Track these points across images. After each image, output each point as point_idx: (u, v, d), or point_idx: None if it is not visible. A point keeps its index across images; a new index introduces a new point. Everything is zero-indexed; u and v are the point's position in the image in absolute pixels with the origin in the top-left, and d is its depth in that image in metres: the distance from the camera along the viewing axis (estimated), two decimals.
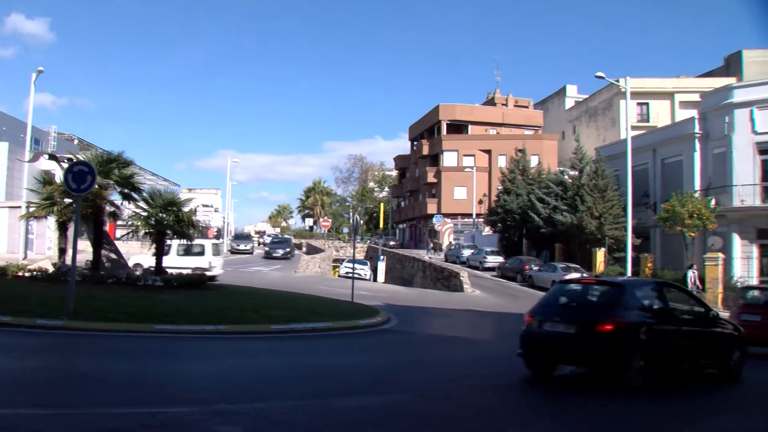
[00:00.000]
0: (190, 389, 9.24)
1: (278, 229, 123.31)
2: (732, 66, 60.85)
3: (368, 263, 53.87)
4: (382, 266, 53.90)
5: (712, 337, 12.38)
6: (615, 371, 10.64)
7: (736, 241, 35.38)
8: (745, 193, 35.00)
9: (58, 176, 23.55)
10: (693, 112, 41.69)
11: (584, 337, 10.61)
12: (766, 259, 34.43)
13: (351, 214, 62.41)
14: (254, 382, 10.13)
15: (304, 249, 78.75)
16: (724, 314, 30.06)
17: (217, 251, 34.49)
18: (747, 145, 35.40)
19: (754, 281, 33.57)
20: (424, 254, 58.14)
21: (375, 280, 50.82)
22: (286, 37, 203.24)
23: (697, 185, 37.51)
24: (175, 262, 30.03)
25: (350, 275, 38.33)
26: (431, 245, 63.79)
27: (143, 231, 24.77)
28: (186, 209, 25.67)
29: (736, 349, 12.89)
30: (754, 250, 35.14)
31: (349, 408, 8.66)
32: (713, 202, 35.14)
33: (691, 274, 29.92)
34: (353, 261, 34.08)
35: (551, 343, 11.10)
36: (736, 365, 12.83)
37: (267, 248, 64.14)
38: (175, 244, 30.01)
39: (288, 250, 61.88)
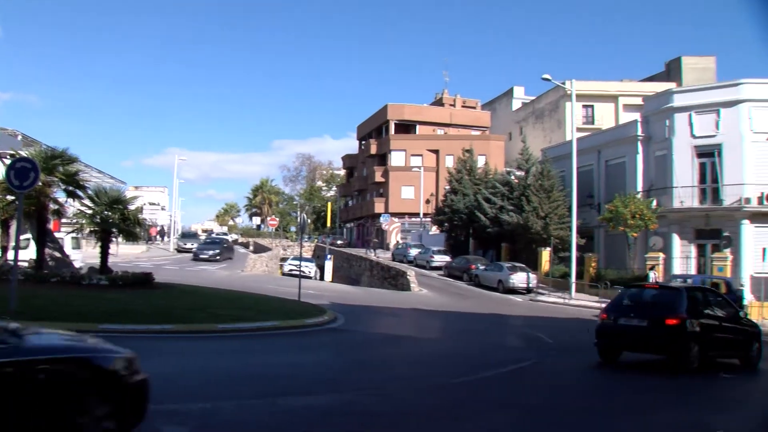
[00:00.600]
0: None
1: (225, 228, 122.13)
2: (672, 71, 62.32)
3: (314, 261, 53.66)
4: (329, 265, 53.77)
5: (739, 332, 15.17)
6: (679, 355, 13.34)
7: (676, 241, 36.23)
8: (684, 195, 35.88)
9: (0, 173, 22.92)
10: (636, 115, 42.49)
11: (655, 329, 13.44)
12: (703, 259, 35.31)
13: (299, 213, 62.00)
14: (200, 382, 9.98)
15: (251, 248, 78.20)
16: None
17: (77, 245, 33.00)
18: (686, 148, 36.29)
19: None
20: (370, 253, 58.19)
21: (322, 279, 50.67)
22: (235, 35, 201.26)
23: (640, 186, 38.29)
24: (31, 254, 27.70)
25: (294, 273, 38.10)
26: (371, 244, 64.00)
27: (88, 229, 24.31)
28: (132, 207, 25.25)
29: (756, 341, 15.58)
30: (693, 250, 36.04)
31: (296, 407, 8.62)
32: (654, 203, 35.94)
33: (653, 275, 30.82)
34: (298, 258, 33.74)
35: (626, 334, 13.90)
36: (755, 356, 15.51)
37: (195, 249, 55.82)
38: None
39: (217, 251, 53.32)
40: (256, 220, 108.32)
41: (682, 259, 35.31)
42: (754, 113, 35.15)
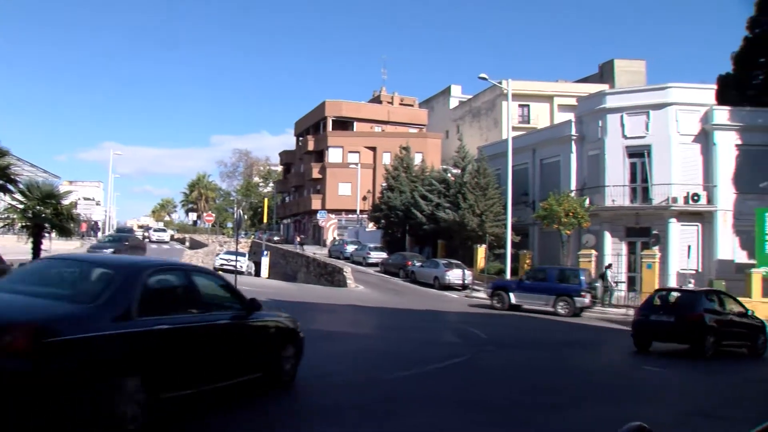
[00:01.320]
0: None
1: (161, 223, 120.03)
2: (605, 73, 63.83)
3: (246, 256, 53.10)
4: (265, 261, 53.30)
5: (747, 326, 18.57)
6: (699, 345, 16.63)
7: (608, 238, 37.05)
8: (616, 194, 36.70)
9: None
10: (570, 116, 43.22)
11: (680, 323, 16.84)
12: (633, 256, 36.21)
13: (235, 208, 61.29)
14: None
15: (187, 244, 77.27)
16: (596, 307, 31.56)
17: None
18: (618, 149, 37.12)
19: (623, 277, 35.33)
20: (307, 249, 57.96)
21: (258, 275, 50.20)
22: (173, 28, 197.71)
23: (573, 185, 38.98)
24: None
25: (226, 268, 37.71)
26: (298, 240, 63.81)
27: (20, 224, 23.57)
28: (66, 202, 24.53)
29: (761, 334, 18.99)
30: (624, 248, 36.91)
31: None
32: (587, 201, 36.66)
33: (610, 274, 31.57)
34: (230, 253, 33.26)
35: (656, 328, 17.41)
36: (761, 346, 18.82)
37: (90, 246, 47.53)
38: None
39: (112, 251, 41.92)
40: (193, 216, 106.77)
41: (614, 257, 36.13)
42: (680, 116, 36.15)
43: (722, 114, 36.11)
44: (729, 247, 35.39)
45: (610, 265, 33.64)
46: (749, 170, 35.69)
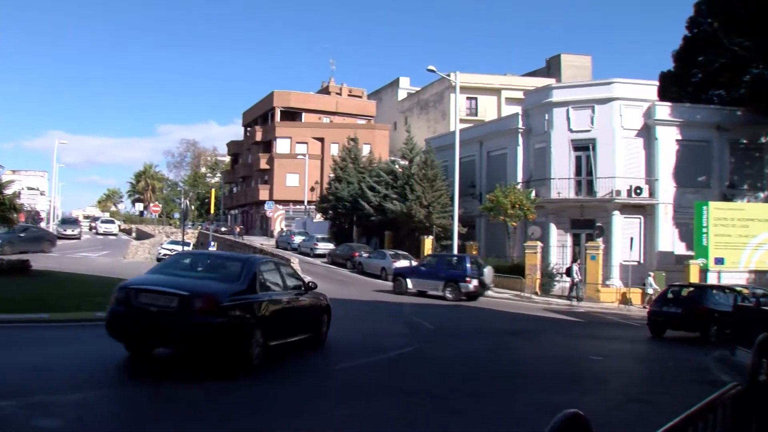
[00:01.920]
0: (3, 382, 8.49)
1: (107, 214, 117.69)
2: (552, 68, 64.75)
3: (191, 245, 52.48)
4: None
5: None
6: (704, 332, 19.16)
7: (553, 230, 37.62)
8: (561, 186, 37.26)
9: None
10: (518, 109, 43.72)
11: (689, 315, 19.44)
12: (578, 248, 36.84)
13: (182, 199, 60.51)
14: (76, 371, 9.56)
15: (134, 234, 76.08)
16: (541, 298, 32.04)
17: None
18: (564, 142, 37.68)
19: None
20: (255, 240, 57.59)
21: None
22: (120, 17, 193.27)
23: (520, 177, 39.44)
24: None
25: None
26: (237, 230, 63.38)
27: None
28: (8, 192, 24.04)
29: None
30: (568, 239, 37.53)
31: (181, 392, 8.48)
32: (533, 193, 37.12)
33: (576, 268, 31.94)
34: (175, 243, 32.78)
35: (669, 317, 20.05)
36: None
37: None
38: None
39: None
40: (139, 207, 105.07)
41: (559, 248, 36.72)
42: (624, 111, 36.90)
43: (663, 110, 36.98)
44: (669, 239, 36.32)
45: (576, 260, 34.08)
46: (688, 165, 36.72)
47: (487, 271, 30.47)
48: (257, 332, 10.04)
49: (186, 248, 45.74)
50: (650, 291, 31.50)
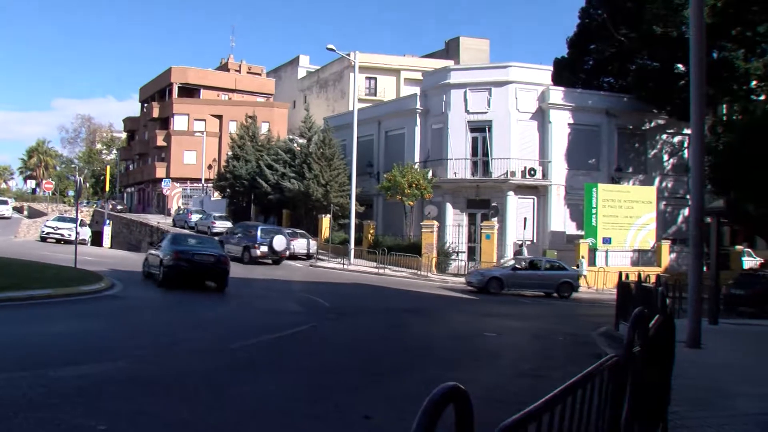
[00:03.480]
0: None
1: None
2: (451, 50, 65.63)
3: (80, 221, 50.69)
4: (108, 230, 51.19)
5: None
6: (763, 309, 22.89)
7: (449, 210, 38.15)
8: (458, 167, 37.81)
9: None
10: (416, 89, 44.06)
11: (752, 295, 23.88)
12: (473, 227, 37.52)
13: (77, 176, 57.96)
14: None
15: (25, 213, 72.42)
16: (437, 277, 32.52)
17: None
18: (461, 123, 38.21)
19: (464, 247, 36.60)
20: (151, 218, 56.15)
21: (100, 244, 48.13)
22: None
23: (417, 157, 39.75)
24: None
25: (54, 237, 35.91)
26: (120, 207, 62.14)
27: None
28: None
29: None
30: (464, 219, 38.15)
31: (69, 377, 8.08)
32: (430, 173, 37.53)
33: (526, 251, 32.72)
34: (62, 220, 31.64)
35: (737, 299, 24.49)
36: None
37: None
38: None
39: None
40: (32, 184, 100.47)
41: (455, 227, 37.29)
42: (519, 94, 37.73)
43: (557, 94, 38.02)
44: (561, 220, 37.52)
45: (523, 242, 34.89)
46: (580, 148, 37.96)
47: (278, 239, 33.56)
48: None
49: (81, 228, 44.15)
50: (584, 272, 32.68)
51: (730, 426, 6.41)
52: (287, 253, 34.67)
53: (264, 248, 33.23)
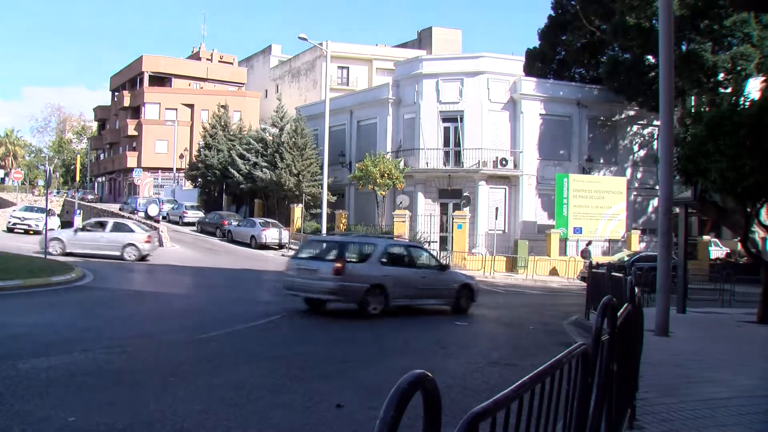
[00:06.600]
0: None
1: None
2: (423, 40, 65.57)
3: (49, 212, 50.00)
4: (78, 220, 50.60)
5: None
6: None
7: (421, 199, 38.22)
8: (430, 157, 37.87)
9: None
10: (388, 79, 44.01)
11: None
12: (445, 217, 37.65)
13: (47, 165, 57.26)
14: None
15: None
16: None
17: None
18: (433, 113, 38.25)
19: (435, 237, 36.67)
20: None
21: None
22: None
23: (389, 147, 39.73)
24: None
25: (21, 228, 35.38)
26: (91, 197, 61.66)
27: None
28: None
29: None
30: (437, 208, 38.26)
31: (39, 369, 8.06)
32: (402, 163, 37.54)
33: (591, 250, 32.94)
34: (28, 209, 31.14)
35: None
36: None
37: None
38: None
39: None
40: (0, 173, 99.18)
41: (427, 217, 37.36)
42: (491, 85, 37.81)
43: (529, 85, 38.18)
44: (532, 209, 37.75)
45: (590, 242, 35.16)
46: (551, 138, 38.18)
47: (150, 207, 43.28)
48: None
49: (41, 216, 43.51)
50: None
51: (697, 411, 6.52)
52: (160, 217, 43.18)
53: (141, 214, 41.87)
